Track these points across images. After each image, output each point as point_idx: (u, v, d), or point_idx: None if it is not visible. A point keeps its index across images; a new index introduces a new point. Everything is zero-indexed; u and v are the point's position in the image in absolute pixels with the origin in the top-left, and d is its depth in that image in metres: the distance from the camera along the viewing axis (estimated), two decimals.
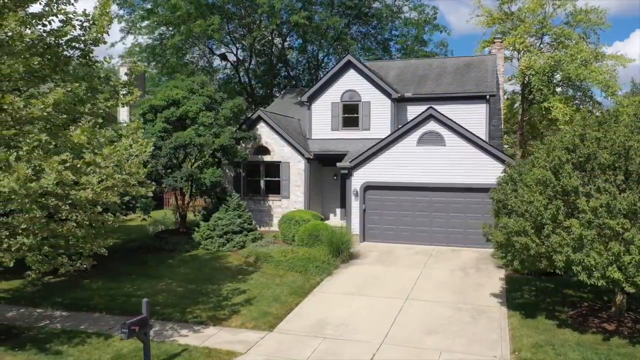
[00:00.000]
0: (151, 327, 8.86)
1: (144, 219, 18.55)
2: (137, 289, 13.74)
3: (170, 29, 27.35)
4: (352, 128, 21.47)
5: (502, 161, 16.82)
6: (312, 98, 21.89)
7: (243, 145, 20.53)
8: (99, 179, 8.58)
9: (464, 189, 17.38)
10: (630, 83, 46.22)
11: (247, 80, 32.16)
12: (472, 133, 17.25)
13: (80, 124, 8.74)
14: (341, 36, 31.91)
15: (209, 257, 16.94)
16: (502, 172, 12.44)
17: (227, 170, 21.28)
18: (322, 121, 21.86)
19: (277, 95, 35.31)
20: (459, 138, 17.30)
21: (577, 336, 9.98)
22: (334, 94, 21.64)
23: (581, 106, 29.55)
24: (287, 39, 34.27)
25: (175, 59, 27.12)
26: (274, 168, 21.09)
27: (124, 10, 28.02)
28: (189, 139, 17.85)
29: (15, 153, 7.59)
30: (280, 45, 34.56)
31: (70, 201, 8.76)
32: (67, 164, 8.27)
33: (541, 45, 29.58)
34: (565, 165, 9.63)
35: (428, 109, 17.59)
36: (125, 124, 11.41)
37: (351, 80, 21.31)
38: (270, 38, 32.52)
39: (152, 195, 10.57)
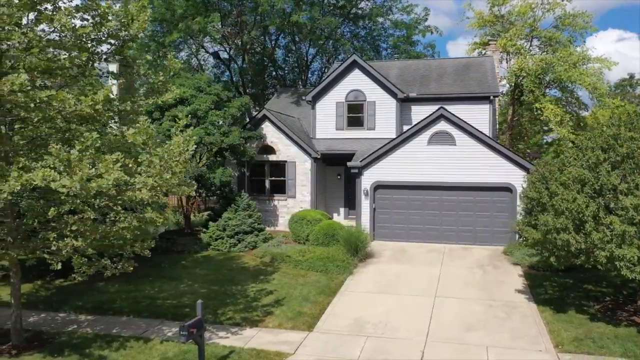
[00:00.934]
0: (205, 329, 8.69)
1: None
2: (158, 291, 13.45)
3: (164, 26, 26.80)
4: (357, 128, 21.57)
5: (512, 160, 17.23)
6: (317, 97, 21.87)
7: (248, 144, 20.33)
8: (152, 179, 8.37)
9: (473, 188, 17.70)
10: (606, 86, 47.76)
11: (239, 79, 31.83)
12: (482, 133, 17.61)
13: (139, 124, 8.50)
14: (333, 36, 31.96)
15: (223, 258, 16.71)
16: (533, 171, 12.65)
17: (231, 170, 21.01)
18: (326, 121, 21.87)
19: (268, 94, 35.13)
20: (469, 138, 17.60)
21: (612, 329, 10.31)
22: (338, 94, 21.68)
23: (567, 108, 30.47)
24: (279, 38, 34.12)
25: (173, 56, 26.51)
26: (279, 167, 20.96)
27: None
28: (199, 138, 17.56)
29: (76, 152, 7.32)
30: (271, 45, 34.38)
31: (120, 201, 8.53)
32: (119, 164, 8.05)
33: (530, 48, 30.37)
34: (603, 163, 9.93)
35: (439, 109, 17.83)
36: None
37: (356, 80, 21.40)
38: (262, 37, 32.29)
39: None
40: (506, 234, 17.44)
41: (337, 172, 22.27)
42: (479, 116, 20.29)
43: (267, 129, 20.87)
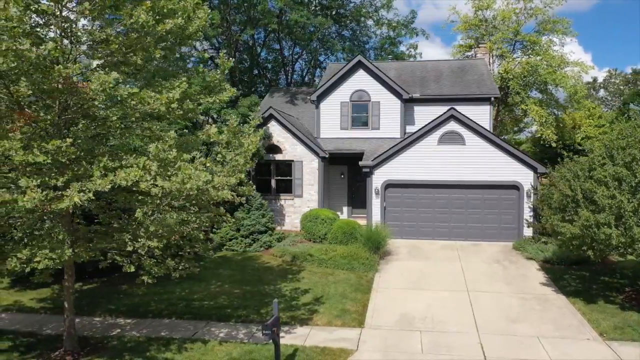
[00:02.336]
0: (280, 328, 8.70)
1: None
2: (190, 293, 13.26)
3: None
4: (362, 127, 21.83)
5: (520, 160, 17.93)
6: (321, 97, 21.99)
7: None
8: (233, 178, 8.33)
9: (482, 186, 18.30)
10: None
11: (229, 78, 31.48)
12: (491, 132, 18.24)
13: (229, 123, 8.41)
14: (318, 35, 32.11)
15: (241, 258, 16.60)
16: (564, 170, 13.17)
17: None
18: (330, 120, 22.01)
19: (253, 94, 34.83)
20: (478, 137, 18.20)
21: None
22: (343, 94, 21.88)
23: (548, 109, 31.84)
24: (267, 39, 33.95)
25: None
26: (286, 167, 20.94)
27: None
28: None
29: (174, 152, 7.20)
30: (257, 44, 34.19)
31: (194, 201, 8.44)
32: (200, 164, 7.99)
33: (514, 51, 31.54)
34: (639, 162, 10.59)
35: (450, 109, 18.35)
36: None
37: (361, 80, 21.65)
38: (252, 37, 32.08)
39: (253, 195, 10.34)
40: (513, 231, 18.16)
41: (340, 171, 22.48)
42: (480, 117, 20.86)
43: (273, 128, 20.81)
